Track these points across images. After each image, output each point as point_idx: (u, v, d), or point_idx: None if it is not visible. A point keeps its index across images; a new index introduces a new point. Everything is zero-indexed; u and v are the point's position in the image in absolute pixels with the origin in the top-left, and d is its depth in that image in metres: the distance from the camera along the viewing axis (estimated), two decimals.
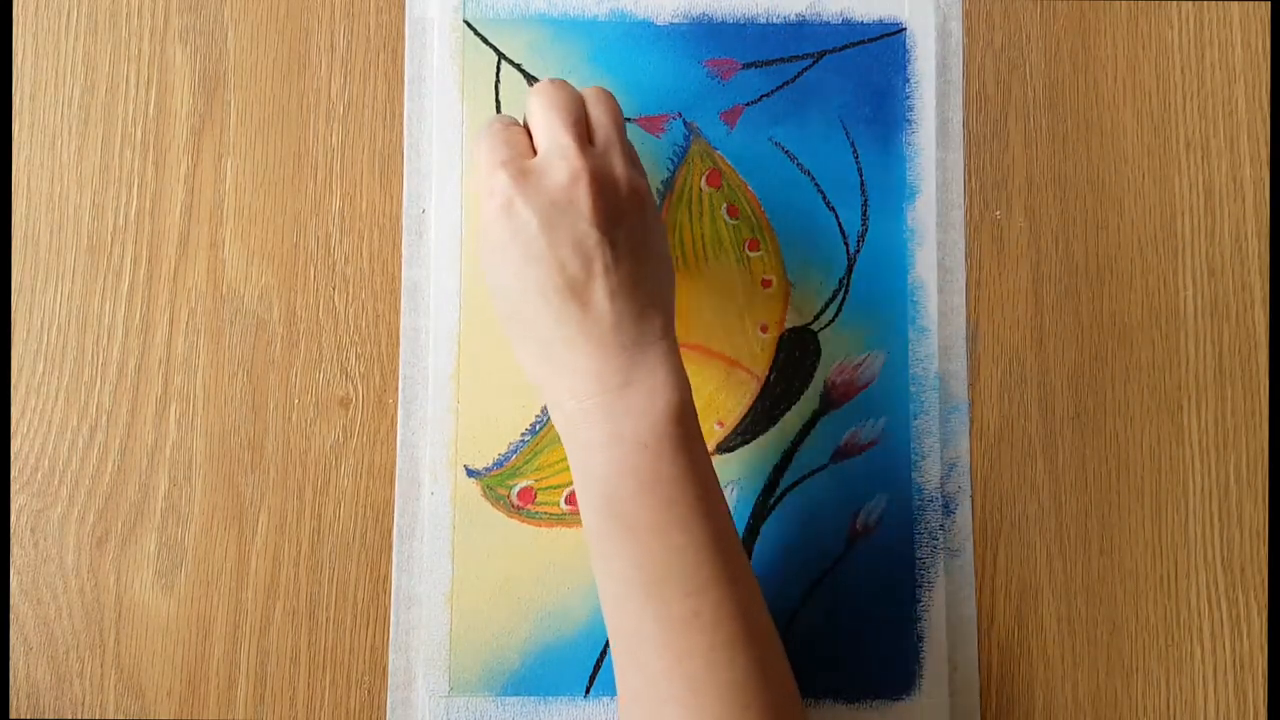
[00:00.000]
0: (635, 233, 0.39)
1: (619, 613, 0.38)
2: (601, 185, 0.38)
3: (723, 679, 0.37)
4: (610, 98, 0.41)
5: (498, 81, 0.49)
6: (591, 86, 0.42)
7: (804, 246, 0.49)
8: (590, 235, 0.38)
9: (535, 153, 0.40)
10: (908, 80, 0.50)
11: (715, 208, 0.49)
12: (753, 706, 0.37)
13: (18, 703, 0.46)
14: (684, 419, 0.38)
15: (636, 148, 0.43)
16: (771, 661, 0.38)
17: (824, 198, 0.49)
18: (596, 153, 0.39)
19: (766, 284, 0.49)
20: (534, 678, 0.46)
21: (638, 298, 0.39)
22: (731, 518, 0.40)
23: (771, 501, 0.48)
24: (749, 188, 0.49)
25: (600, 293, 0.38)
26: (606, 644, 0.47)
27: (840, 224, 0.49)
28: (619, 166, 0.39)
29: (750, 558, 0.47)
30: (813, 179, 0.49)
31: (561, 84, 0.41)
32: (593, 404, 0.38)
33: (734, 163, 0.49)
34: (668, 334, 0.39)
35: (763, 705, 0.37)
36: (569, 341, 0.38)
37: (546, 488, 0.47)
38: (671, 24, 0.50)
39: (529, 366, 0.40)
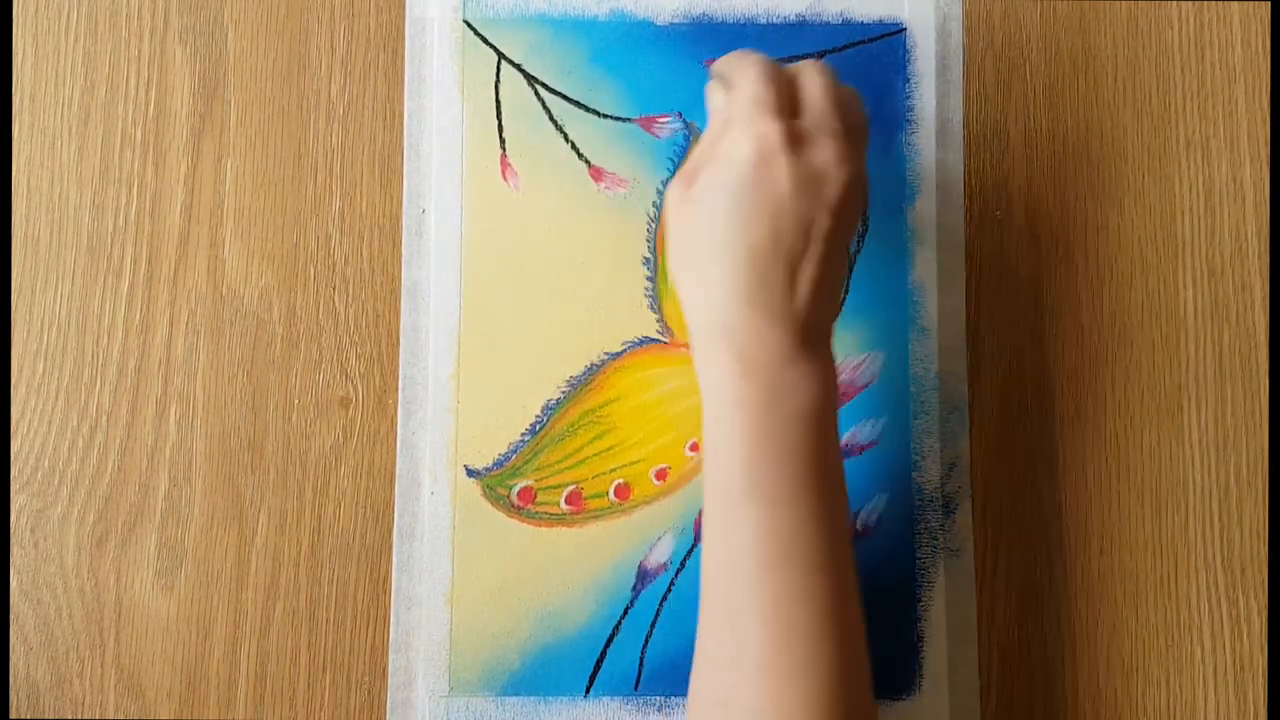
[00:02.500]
0: (847, 238, 0.40)
1: (730, 582, 0.38)
2: (856, 185, 0.39)
3: (822, 660, 0.37)
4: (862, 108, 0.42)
5: (498, 81, 0.49)
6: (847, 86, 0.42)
7: None
8: (823, 223, 0.38)
9: (798, 115, 0.40)
10: (908, 80, 0.50)
11: None
12: (844, 688, 0.37)
13: (18, 703, 0.46)
14: (832, 409, 0.39)
15: (636, 147, 0.43)
16: (862, 651, 0.39)
17: None
18: (856, 153, 0.40)
19: None
20: (534, 678, 0.46)
21: (828, 297, 0.40)
22: (849, 509, 0.40)
23: None
24: None
25: (806, 275, 0.38)
26: (606, 644, 0.47)
27: None
28: (865, 177, 0.40)
29: None
30: None
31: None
32: (761, 367, 0.38)
33: None
34: (828, 342, 0.40)
35: (851, 689, 0.38)
36: (762, 304, 0.38)
37: (546, 488, 0.47)
38: (671, 24, 0.50)
39: (699, 308, 0.40)
